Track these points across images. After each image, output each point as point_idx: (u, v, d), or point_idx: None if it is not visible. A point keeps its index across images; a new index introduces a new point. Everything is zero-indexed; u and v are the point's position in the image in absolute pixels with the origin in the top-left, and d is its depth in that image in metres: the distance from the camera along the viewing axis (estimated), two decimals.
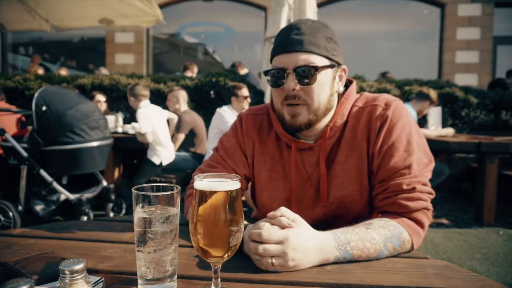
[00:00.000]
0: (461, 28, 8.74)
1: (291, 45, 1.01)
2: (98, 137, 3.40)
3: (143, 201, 0.70)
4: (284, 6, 4.27)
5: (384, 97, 1.10)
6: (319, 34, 1.02)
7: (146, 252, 0.69)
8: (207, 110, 5.33)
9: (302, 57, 1.00)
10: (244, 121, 1.24)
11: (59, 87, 4.08)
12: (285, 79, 1.02)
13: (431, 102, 4.24)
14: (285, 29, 1.06)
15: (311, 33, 1.02)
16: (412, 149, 1.02)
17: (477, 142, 3.84)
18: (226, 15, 9.84)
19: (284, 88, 1.03)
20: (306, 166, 1.13)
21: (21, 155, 3.16)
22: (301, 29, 1.02)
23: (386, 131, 1.04)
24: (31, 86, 5.79)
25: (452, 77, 8.28)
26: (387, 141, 1.03)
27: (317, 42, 1.01)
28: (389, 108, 1.06)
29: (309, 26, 1.03)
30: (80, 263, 0.59)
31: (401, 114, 1.06)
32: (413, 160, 1.01)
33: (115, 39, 9.44)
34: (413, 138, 1.04)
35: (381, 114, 1.06)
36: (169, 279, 0.71)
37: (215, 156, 1.23)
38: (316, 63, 1.01)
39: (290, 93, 1.03)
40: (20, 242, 0.95)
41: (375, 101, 1.09)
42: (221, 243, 0.68)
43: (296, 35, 1.01)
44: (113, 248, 0.93)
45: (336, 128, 1.09)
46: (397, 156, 1.02)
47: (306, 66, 1.00)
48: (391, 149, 1.02)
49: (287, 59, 1.01)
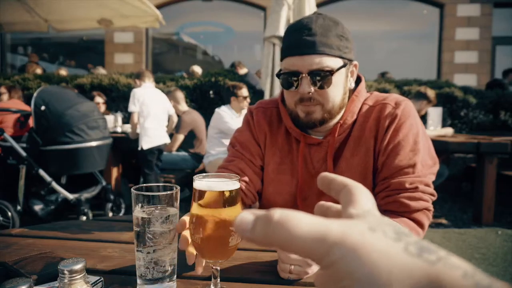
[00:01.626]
0: (460, 28, 8.75)
1: (303, 47, 0.99)
2: (97, 137, 3.40)
3: (142, 201, 0.70)
4: (284, 6, 4.28)
5: (394, 97, 1.11)
6: (331, 33, 1.00)
7: (146, 252, 0.69)
8: (206, 110, 5.33)
9: (316, 60, 0.99)
10: (255, 114, 1.24)
11: (58, 87, 4.08)
12: (299, 82, 1.01)
13: (429, 101, 4.24)
14: (296, 28, 1.03)
15: (323, 33, 1.00)
16: (418, 149, 1.02)
17: (476, 142, 3.84)
18: (225, 15, 9.84)
19: (299, 91, 1.02)
20: (313, 162, 1.13)
21: (20, 155, 3.15)
22: (313, 29, 1.00)
23: (394, 129, 1.04)
24: (30, 86, 5.78)
25: (451, 77, 8.29)
26: (394, 139, 1.04)
27: (329, 42, 1.00)
28: (398, 107, 1.06)
29: (320, 25, 1.01)
30: (79, 263, 0.59)
31: (410, 114, 1.06)
32: (418, 160, 1.01)
33: (114, 39, 9.43)
34: (420, 138, 1.04)
35: (390, 113, 1.06)
36: (169, 279, 0.71)
37: (232, 152, 1.22)
38: (331, 65, 1.00)
39: (305, 96, 1.02)
40: (19, 242, 0.95)
41: (385, 100, 1.10)
42: (220, 243, 0.67)
43: (308, 36, 0.99)
44: (112, 248, 0.93)
45: (346, 125, 1.09)
46: (402, 154, 1.02)
47: (321, 70, 0.99)
48: (397, 147, 1.03)
49: (300, 62, 1.00)
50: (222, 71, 6.06)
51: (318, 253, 0.26)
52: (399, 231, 0.27)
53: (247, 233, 0.28)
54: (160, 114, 4.02)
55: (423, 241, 0.27)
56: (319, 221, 0.26)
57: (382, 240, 0.25)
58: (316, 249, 0.26)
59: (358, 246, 0.25)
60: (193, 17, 10.12)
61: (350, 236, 0.25)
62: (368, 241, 0.25)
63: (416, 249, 0.25)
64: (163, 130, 4.07)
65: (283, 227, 0.26)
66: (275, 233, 0.27)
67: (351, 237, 0.25)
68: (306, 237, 0.26)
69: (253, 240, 0.28)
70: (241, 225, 0.28)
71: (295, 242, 0.26)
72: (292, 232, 0.26)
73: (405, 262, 0.24)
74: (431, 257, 0.25)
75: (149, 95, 3.95)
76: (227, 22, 9.90)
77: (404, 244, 0.25)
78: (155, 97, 4.03)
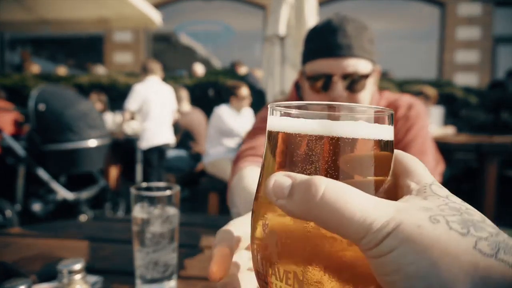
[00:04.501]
0: (461, 27, 8.75)
1: (338, 49, 0.95)
2: (96, 136, 3.39)
3: (142, 201, 0.69)
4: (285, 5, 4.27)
5: (406, 98, 1.12)
6: (364, 37, 0.98)
7: (145, 252, 0.68)
8: (206, 109, 5.33)
9: (351, 62, 0.95)
10: None
11: (57, 86, 4.08)
12: (331, 85, 0.97)
13: (427, 98, 4.22)
14: (327, 29, 0.98)
15: (357, 35, 0.97)
16: (425, 150, 1.05)
17: (477, 143, 3.84)
18: (225, 14, 9.84)
19: (331, 95, 0.97)
20: None
21: (19, 154, 3.15)
22: (348, 31, 0.96)
23: (406, 130, 1.06)
24: (29, 85, 5.78)
25: (452, 77, 8.29)
26: (404, 139, 1.06)
27: (364, 45, 0.97)
28: (411, 109, 1.08)
29: (355, 27, 0.98)
30: (79, 262, 0.58)
31: (421, 116, 1.09)
32: (425, 160, 1.03)
33: (114, 38, 9.43)
34: (428, 140, 1.07)
35: (403, 115, 1.08)
36: (168, 279, 0.70)
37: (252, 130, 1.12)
38: (365, 69, 0.97)
39: (337, 100, 0.97)
40: (18, 242, 0.95)
41: (397, 102, 1.11)
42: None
43: (343, 37, 0.96)
44: (111, 248, 0.93)
45: None
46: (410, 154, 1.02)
47: (357, 75, 0.96)
48: (406, 147, 1.05)
49: (334, 64, 0.96)
50: (222, 70, 6.06)
51: (368, 241, 0.22)
52: (467, 221, 0.23)
53: (282, 200, 0.24)
54: (162, 112, 3.92)
55: (498, 235, 0.23)
56: (374, 204, 0.23)
57: (445, 234, 0.22)
58: (366, 237, 0.22)
59: (416, 240, 0.22)
60: (193, 16, 10.12)
61: (408, 227, 0.22)
62: (429, 235, 0.22)
63: (490, 246, 0.22)
64: (166, 129, 3.99)
65: (331, 206, 0.23)
66: (319, 210, 0.23)
67: (409, 228, 0.22)
68: (357, 224, 0.22)
69: (288, 210, 0.24)
70: (275, 189, 0.24)
71: (344, 226, 0.23)
72: (341, 215, 0.22)
73: (476, 262, 0.21)
74: (509, 258, 0.21)
75: (151, 92, 3.83)
76: (227, 21, 9.90)
77: (473, 239, 0.22)
78: (158, 94, 3.89)
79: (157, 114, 3.86)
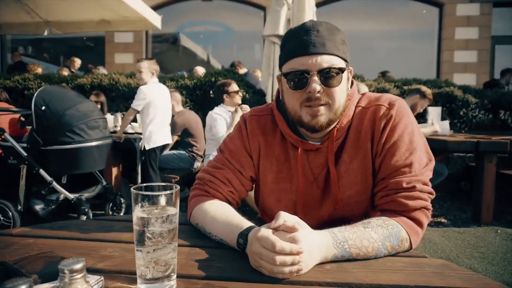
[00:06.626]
0: (460, 27, 8.76)
1: (313, 47, 1.00)
2: (98, 136, 3.40)
3: (142, 200, 0.70)
4: (284, 5, 4.28)
5: (387, 97, 1.11)
6: (336, 37, 1.03)
7: (145, 252, 0.69)
8: (206, 109, 5.33)
9: (326, 58, 0.99)
10: (248, 122, 1.21)
11: (59, 87, 4.08)
12: (308, 81, 1.01)
13: (423, 96, 4.18)
14: (302, 30, 1.04)
15: (330, 35, 1.02)
16: (414, 148, 1.02)
17: (475, 141, 3.84)
18: (225, 14, 9.84)
19: (308, 91, 1.01)
20: (312, 168, 1.12)
21: (21, 154, 3.16)
22: (320, 31, 1.01)
23: (390, 130, 1.05)
24: (31, 86, 5.78)
25: (451, 77, 8.29)
26: (389, 139, 1.04)
27: (336, 44, 1.02)
28: (392, 108, 1.07)
29: (327, 28, 1.03)
30: (80, 262, 0.59)
31: (404, 114, 1.07)
32: (415, 159, 1.01)
33: (115, 38, 9.44)
34: (415, 137, 1.05)
35: (385, 114, 1.06)
36: (168, 279, 0.71)
37: (220, 158, 1.20)
38: (339, 65, 1.01)
39: (314, 95, 1.01)
40: (19, 242, 0.96)
41: (378, 101, 1.10)
42: None
43: (316, 37, 1.01)
44: (112, 247, 0.94)
45: (342, 129, 1.09)
46: (398, 154, 1.02)
47: (332, 68, 1.00)
48: (393, 147, 1.03)
49: (310, 61, 1.00)
50: (222, 71, 6.06)
51: None
52: None
53: None
54: (165, 113, 3.97)
55: None
56: None
57: None
58: None
59: None
60: (193, 16, 10.12)
61: None
62: None
63: None
64: (167, 129, 4.04)
65: None
66: None
67: None
68: None
69: None
70: None
71: None
72: None
73: None
74: None
75: (156, 94, 3.84)
76: (227, 21, 9.90)
77: None
78: (161, 95, 3.92)
79: (161, 115, 3.90)
